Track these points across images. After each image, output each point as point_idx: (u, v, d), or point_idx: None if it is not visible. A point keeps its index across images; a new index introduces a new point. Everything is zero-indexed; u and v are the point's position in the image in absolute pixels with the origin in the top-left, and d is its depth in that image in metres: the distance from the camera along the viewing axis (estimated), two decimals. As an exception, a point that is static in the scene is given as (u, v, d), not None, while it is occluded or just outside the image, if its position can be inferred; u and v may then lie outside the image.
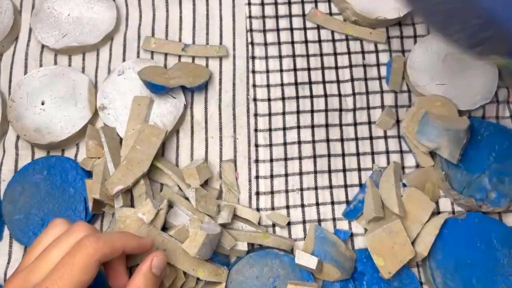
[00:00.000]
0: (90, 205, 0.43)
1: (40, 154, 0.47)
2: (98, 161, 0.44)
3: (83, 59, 0.50)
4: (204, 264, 0.40)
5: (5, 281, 0.44)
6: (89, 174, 0.45)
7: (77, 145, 0.48)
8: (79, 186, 0.44)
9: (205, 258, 0.40)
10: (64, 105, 0.47)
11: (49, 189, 0.44)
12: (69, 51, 0.50)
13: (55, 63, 0.50)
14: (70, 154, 0.47)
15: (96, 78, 0.50)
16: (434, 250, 0.43)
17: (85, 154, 0.46)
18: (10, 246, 0.45)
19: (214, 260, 0.42)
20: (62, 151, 0.47)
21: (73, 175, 0.45)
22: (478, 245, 0.43)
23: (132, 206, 0.43)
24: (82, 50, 0.50)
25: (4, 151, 0.47)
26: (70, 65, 0.50)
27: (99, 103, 0.47)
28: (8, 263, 0.44)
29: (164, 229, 0.42)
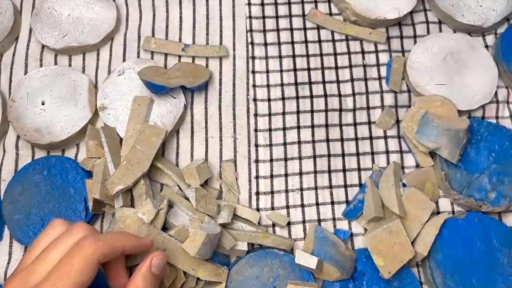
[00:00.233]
0: (90, 205, 0.43)
1: (40, 154, 0.47)
2: (98, 161, 0.44)
3: (83, 59, 0.50)
4: (204, 264, 0.40)
5: (5, 280, 0.44)
6: (89, 174, 0.45)
7: (77, 145, 0.48)
8: (79, 186, 0.44)
9: (205, 258, 0.40)
10: (64, 105, 0.47)
11: (49, 189, 0.44)
12: (69, 51, 0.50)
13: (55, 63, 0.50)
14: (70, 154, 0.47)
15: (96, 78, 0.50)
16: (434, 250, 0.43)
17: (85, 154, 0.46)
18: (10, 246, 0.45)
19: (214, 260, 0.42)
20: (62, 151, 0.47)
21: (73, 175, 0.45)
22: (478, 245, 0.43)
23: (132, 206, 0.43)
24: (82, 50, 0.50)
25: (4, 151, 0.47)
26: (70, 65, 0.50)
27: (99, 103, 0.47)
28: (8, 263, 0.44)
29: (164, 229, 0.42)
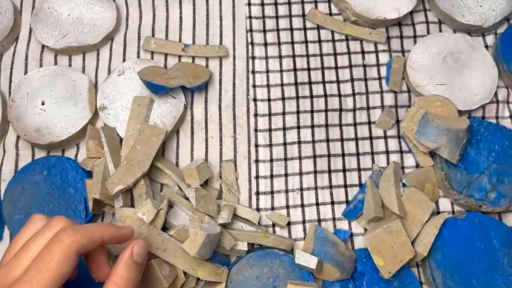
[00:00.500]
0: (90, 205, 0.43)
1: (40, 154, 0.47)
2: (98, 161, 0.44)
3: (83, 59, 0.50)
4: (204, 264, 0.40)
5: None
6: (89, 174, 0.45)
7: (77, 145, 0.48)
8: (79, 186, 0.44)
9: (205, 258, 0.40)
10: (64, 105, 0.47)
11: (49, 189, 0.44)
12: (69, 51, 0.50)
13: (55, 63, 0.50)
14: (70, 154, 0.47)
15: (96, 78, 0.50)
16: (434, 250, 0.43)
17: (85, 154, 0.46)
18: (10, 246, 0.45)
19: (214, 260, 0.42)
20: (62, 151, 0.47)
21: (73, 175, 0.45)
22: (478, 245, 0.43)
23: (132, 206, 0.43)
24: (82, 50, 0.50)
25: (4, 151, 0.47)
26: (70, 65, 0.50)
27: (99, 103, 0.47)
28: (8, 263, 0.44)
29: (164, 229, 0.42)
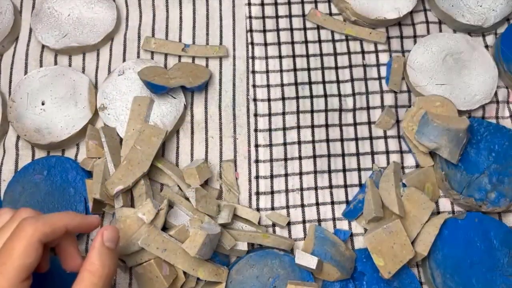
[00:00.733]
0: (90, 205, 0.43)
1: (40, 154, 0.47)
2: (98, 161, 0.44)
3: (83, 59, 0.50)
4: (204, 264, 0.40)
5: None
6: (89, 174, 0.45)
7: (77, 145, 0.48)
8: (79, 186, 0.44)
9: (205, 258, 0.40)
10: (64, 105, 0.47)
11: (49, 189, 0.44)
12: (69, 51, 0.50)
13: (55, 63, 0.50)
14: (70, 154, 0.47)
15: (96, 78, 0.50)
16: (434, 250, 0.43)
17: (85, 154, 0.46)
18: (11, 246, 0.45)
19: (214, 260, 0.42)
20: (62, 151, 0.47)
21: (73, 175, 0.45)
22: (478, 245, 0.43)
23: (132, 206, 0.43)
24: (82, 50, 0.50)
25: (4, 151, 0.47)
26: (70, 65, 0.50)
27: (99, 103, 0.47)
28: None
29: (164, 229, 0.42)
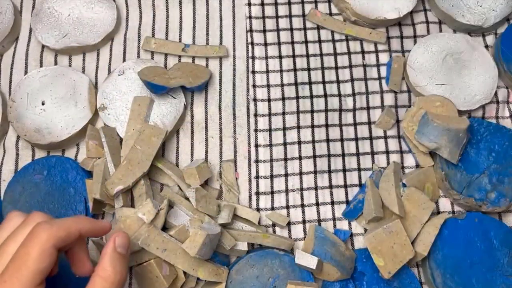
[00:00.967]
0: (90, 205, 0.43)
1: (40, 154, 0.47)
2: (98, 161, 0.44)
3: (83, 59, 0.50)
4: (204, 264, 0.40)
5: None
6: (89, 174, 0.45)
7: (77, 145, 0.48)
8: (79, 186, 0.44)
9: (205, 258, 0.40)
10: (64, 105, 0.47)
11: (49, 189, 0.44)
12: (69, 51, 0.50)
13: (55, 63, 0.50)
14: (70, 154, 0.47)
15: (96, 78, 0.50)
16: (434, 250, 0.43)
17: (85, 154, 0.46)
18: (11, 246, 0.45)
19: (214, 260, 0.42)
20: (63, 151, 0.47)
21: (73, 175, 0.45)
22: (478, 245, 0.43)
23: (132, 206, 0.43)
24: (82, 50, 0.50)
25: (4, 151, 0.47)
26: (70, 65, 0.50)
27: (99, 103, 0.47)
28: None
29: (164, 229, 0.42)
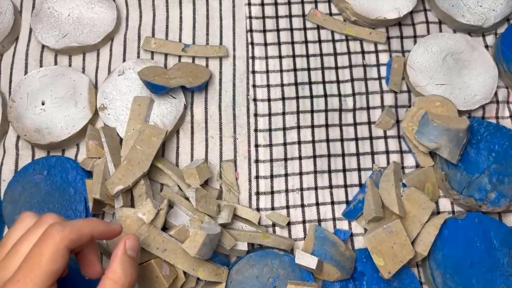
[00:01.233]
0: (90, 205, 0.43)
1: (40, 154, 0.47)
2: (98, 161, 0.44)
3: (83, 59, 0.50)
4: (204, 264, 0.40)
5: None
6: (89, 174, 0.45)
7: (77, 145, 0.48)
8: (79, 186, 0.44)
9: (205, 258, 0.40)
10: (64, 105, 0.47)
11: (49, 189, 0.44)
12: (69, 51, 0.50)
13: (55, 63, 0.50)
14: (70, 154, 0.47)
15: (96, 78, 0.50)
16: (434, 250, 0.43)
17: (85, 154, 0.46)
18: (11, 246, 0.45)
19: (214, 260, 0.42)
20: (63, 151, 0.47)
21: (73, 175, 0.45)
22: (478, 245, 0.43)
23: (132, 206, 0.43)
24: (82, 50, 0.50)
25: (4, 151, 0.47)
26: (70, 65, 0.50)
27: (99, 103, 0.47)
28: (8, 263, 0.44)
29: (164, 229, 0.42)
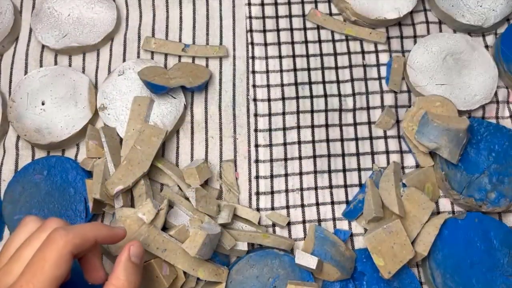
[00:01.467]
0: (90, 205, 0.43)
1: (40, 154, 0.47)
2: (98, 161, 0.44)
3: (83, 59, 0.50)
4: (204, 264, 0.40)
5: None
6: (89, 174, 0.45)
7: (77, 145, 0.48)
8: (79, 186, 0.44)
9: (205, 258, 0.40)
10: (64, 105, 0.47)
11: (49, 189, 0.44)
12: (69, 51, 0.50)
13: (55, 63, 0.50)
14: (70, 154, 0.47)
15: (96, 78, 0.50)
16: (434, 250, 0.43)
17: (85, 154, 0.46)
18: (11, 246, 0.45)
19: (214, 260, 0.42)
20: (63, 151, 0.47)
21: (73, 175, 0.45)
22: (478, 245, 0.43)
23: (132, 206, 0.43)
24: (82, 50, 0.50)
25: (4, 151, 0.47)
26: (70, 65, 0.50)
27: (99, 103, 0.47)
28: (8, 263, 0.44)
29: (164, 229, 0.42)
